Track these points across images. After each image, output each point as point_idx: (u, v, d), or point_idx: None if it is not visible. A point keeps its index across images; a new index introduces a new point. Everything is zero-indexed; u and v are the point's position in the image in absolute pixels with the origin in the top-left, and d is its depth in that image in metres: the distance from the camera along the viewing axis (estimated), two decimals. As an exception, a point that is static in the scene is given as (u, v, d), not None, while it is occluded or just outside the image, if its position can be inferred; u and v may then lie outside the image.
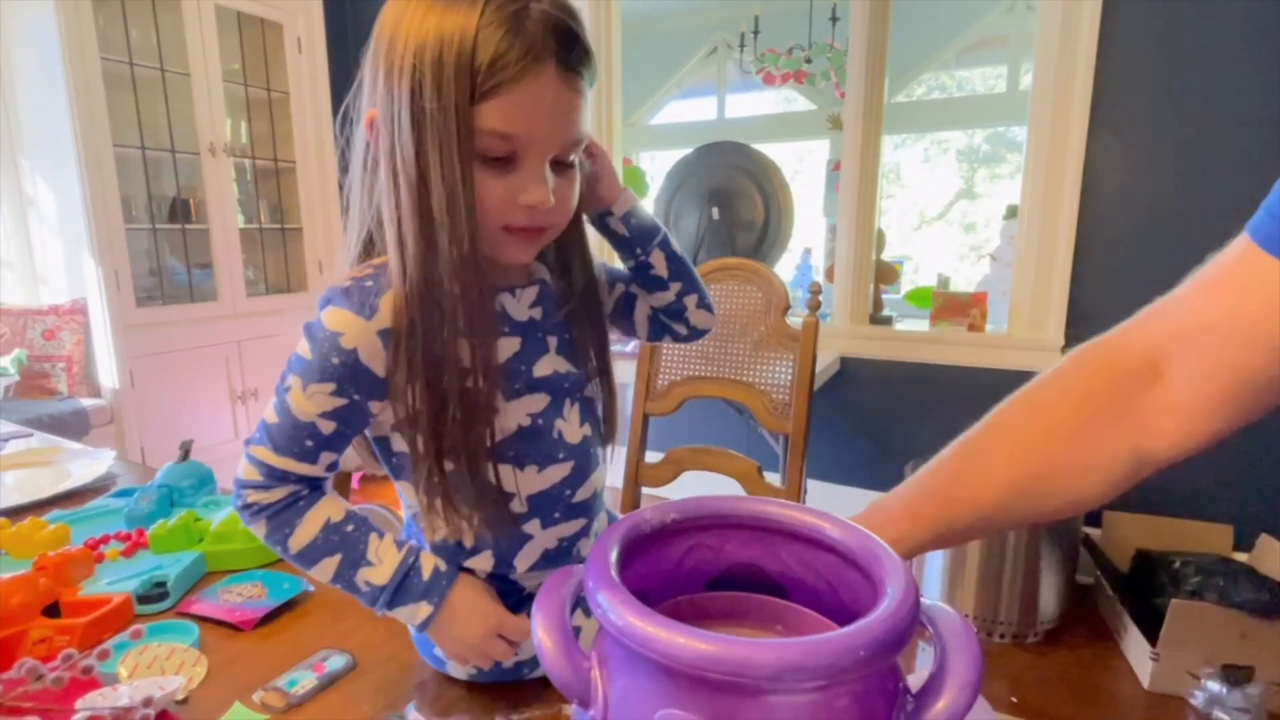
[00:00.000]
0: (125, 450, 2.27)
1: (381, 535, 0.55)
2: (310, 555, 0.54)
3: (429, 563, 0.55)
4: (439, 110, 0.45)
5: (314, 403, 0.50)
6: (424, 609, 0.54)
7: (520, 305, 0.57)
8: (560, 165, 0.51)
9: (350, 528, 0.54)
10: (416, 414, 0.51)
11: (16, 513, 0.91)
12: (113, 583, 0.74)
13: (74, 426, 2.11)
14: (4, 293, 2.40)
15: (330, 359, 0.49)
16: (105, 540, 0.84)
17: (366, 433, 0.56)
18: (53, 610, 0.66)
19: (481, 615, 0.55)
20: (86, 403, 2.21)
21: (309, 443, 0.52)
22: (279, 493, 0.53)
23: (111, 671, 0.58)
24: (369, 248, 0.55)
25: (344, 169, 0.55)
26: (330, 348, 0.49)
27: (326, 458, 0.53)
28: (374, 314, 0.49)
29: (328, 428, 0.51)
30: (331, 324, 0.49)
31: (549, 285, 0.59)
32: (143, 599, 0.71)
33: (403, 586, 0.54)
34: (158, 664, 0.60)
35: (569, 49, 0.47)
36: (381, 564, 0.54)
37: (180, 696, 0.56)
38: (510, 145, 0.48)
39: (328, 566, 0.54)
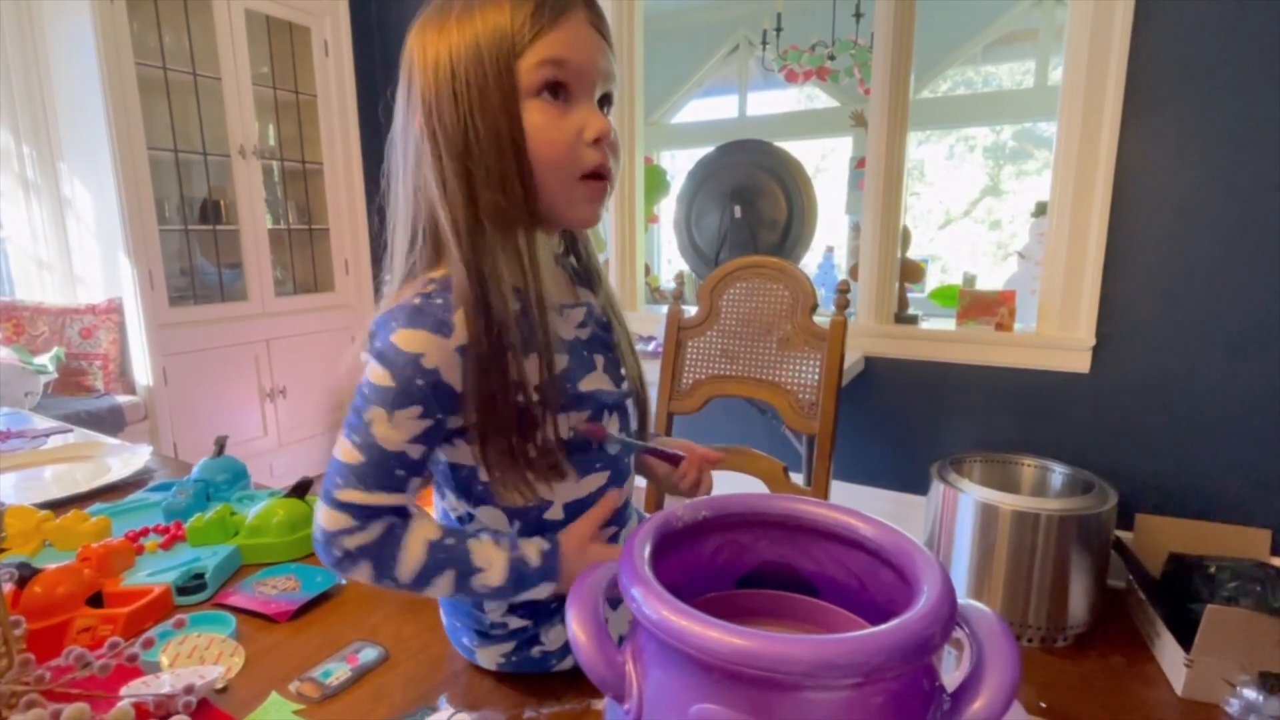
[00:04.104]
0: (159, 446, 2.33)
1: (479, 537, 0.56)
2: (423, 579, 0.53)
3: (531, 549, 0.56)
4: (482, 76, 0.50)
5: (401, 430, 0.50)
6: (546, 589, 0.55)
7: (568, 325, 0.59)
8: (602, 109, 0.55)
9: (450, 541, 0.54)
10: (476, 424, 0.52)
11: (60, 505, 0.94)
12: (153, 574, 0.76)
13: (110, 423, 2.16)
14: (43, 292, 2.47)
15: (414, 381, 0.50)
16: (145, 533, 0.86)
17: None
18: (96, 600, 0.68)
19: (596, 557, 0.56)
20: (122, 399, 2.27)
21: (400, 472, 0.52)
22: (375, 529, 0.52)
23: (154, 660, 0.60)
24: (436, 251, 0.55)
25: (388, 185, 0.58)
26: (413, 370, 0.49)
27: (414, 483, 0.54)
28: (452, 332, 0.50)
29: (416, 452, 0.52)
30: (410, 346, 0.50)
31: (595, 308, 0.62)
32: (182, 590, 0.73)
33: (519, 581, 0.54)
34: (197, 653, 0.62)
35: (590, 4, 0.53)
36: (491, 567, 0.54)
37: (219, 685, 0.58)
38: (564, 72, 0.51)
39: (444, 583, 0.53)
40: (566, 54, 0.51)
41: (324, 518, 0.52)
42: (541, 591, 0.55)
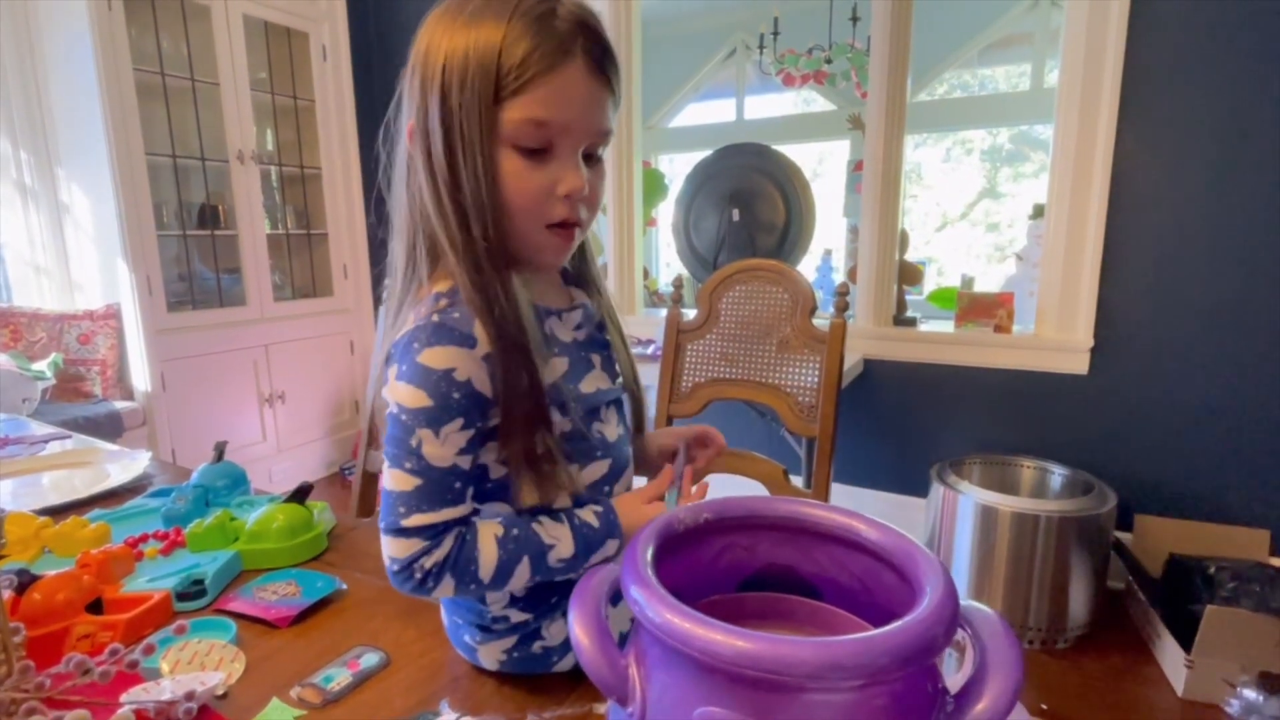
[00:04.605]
0: (157, 452, 2.32)
1: (536, 519, 0.57)
2: (503, 574, 0.54)
3: (587, 513, 0.58)
4: (463, 108, 0.49)
5: (450, 445, 0.51)
6: (613, 545, 0.57)
7: (566, 328, 0.60)
8: (590, 159, 0.54)
9: (516, 531, 0.55)
10: (502, 425, 0.53)
11: (59, 512, 0.93)
12: (152, 580, 0.76)
13: (108, 429, 2.16)
14: (41, 298, 2.47)
15: (451, 396, 0.50)
16: (144, 539, 0.85)
17: None
18: (96, 606, 0.67)
19: (645, 514, 0.58)
20: (120, 405, 2.26)
21: (457, 484, 0.53)
22: (447, 543, 0.53)
23: (154, 666, 0.60)
24: (434, 260, 0.55)
25: (386, 185, 0.58)
26: (448, 385, 0.50)
27: (469, 491, 0.54)
28: (476, 343, 0.51)
29: (466, 462, 0.53)
30: (440, 363, 0.50)
31: (590, 308, 0.63)
32: (181, 596, 0.72)
33: (587, 545, 0.56)
34: (198, 659, 0.62)
35: (597, 45, 0.51)
36: (560, 541, 0.56)
37: (220, 692, 0.58)
38: (545, 133, 0.50)
39: (522, 572, 0.55)
40: (551, 115, 0.50)
41: (395, 548, 0.52)
42: (609, 550, 0.57)
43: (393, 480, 0.52)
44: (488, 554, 0.54)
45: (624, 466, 0.63)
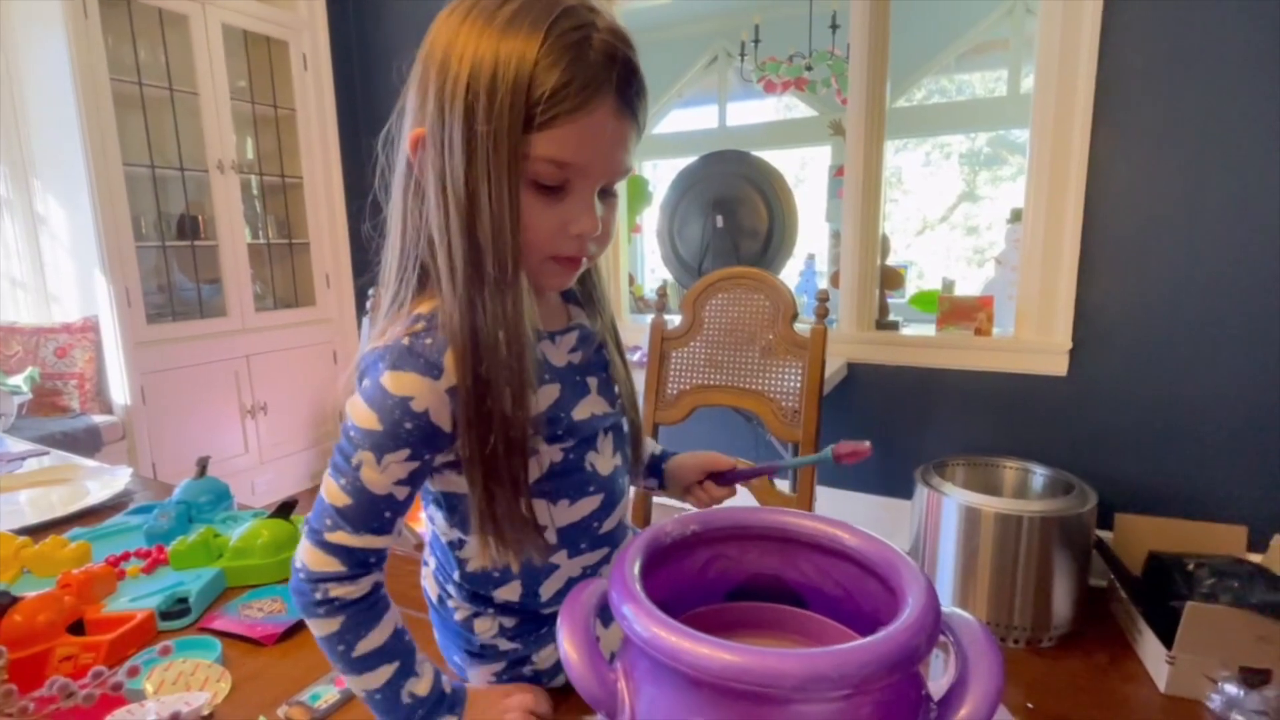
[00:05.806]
0: (137, 466, 2.29)
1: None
2: (372, 660, 0.51)
3: (445, 679, 0.55)
4: (491, 135, 0.45)
5: (389, 474, 0.49)
6: None
7: (560, 351, 0.57)
8: (605, 193, 0.52)
9: (407, 637, 0.53)
10: (471, 457, 0.50)
11: (37, 531, 0.92)
12: (135, 599, 0.75)
13: (86, 443, 2.12)
14: (17, 311, 2.43)
15: (403, 425, 0.48)
16: (126, 557, 0.84)
17: None
18: (77, 627, 0.67)
19: (503, 709, 0.55)
20: (98, 419, 2.23)
21: (387, 514, 0.50)
22: (365, 584, 0.51)
23: (138, 688, 0.59)
24: (423, 279, 0.52)
25: (384, 191, 0.54)
26: (402, 414, 0.48)
27: (398, 524, 0.52)
28: (441, 373, 0.48)
29: (402, 494, 0.51)
30: (399, 389, 0.48)
31: (587, 328, 0.60)
32: (165, 615, 0.72)
33: (439, 701, 0.53)
34: (183, 680, 0.61)
35: (628, 83, 0.47)
36: (423, 677, 0.53)
37: (206, 712, 0.57)
38: (564, 173, 0.48)
39: (383, 673, 0.51)
40: (573, 158, 0.47)
41: (310, 558, 0.50)
42: None
43: (327, 488, 0.50)
44: (382, 633, 0.51)
45: (617, 501, 0.61)
